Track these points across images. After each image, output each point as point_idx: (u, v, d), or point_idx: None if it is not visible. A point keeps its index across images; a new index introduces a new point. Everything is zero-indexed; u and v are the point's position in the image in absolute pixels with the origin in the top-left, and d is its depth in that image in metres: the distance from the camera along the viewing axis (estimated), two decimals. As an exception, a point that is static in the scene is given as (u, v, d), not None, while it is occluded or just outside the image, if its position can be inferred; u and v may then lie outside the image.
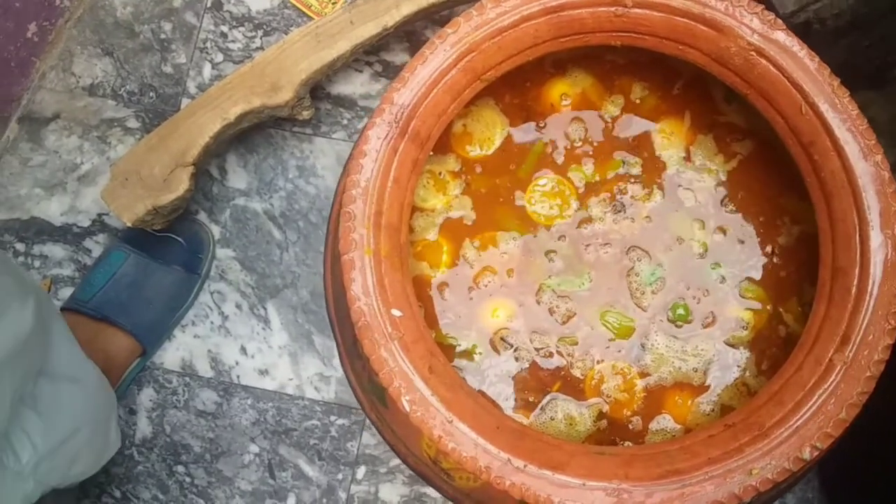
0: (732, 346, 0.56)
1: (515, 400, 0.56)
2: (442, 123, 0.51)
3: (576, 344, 0.56)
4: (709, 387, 0.55)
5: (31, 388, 0.57)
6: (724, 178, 0.58)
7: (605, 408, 0.55)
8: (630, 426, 0.55)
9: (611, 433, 0.55)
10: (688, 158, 0.59)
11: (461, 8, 0.79)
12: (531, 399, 0.56)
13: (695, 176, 0.58)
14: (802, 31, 0.74)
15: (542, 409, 0.56)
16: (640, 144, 0.59)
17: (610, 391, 0.55)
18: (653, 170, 0.59)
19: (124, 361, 0.79)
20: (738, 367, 0.55)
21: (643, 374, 0.55)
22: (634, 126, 0.59)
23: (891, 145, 0.78)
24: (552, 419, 0.55)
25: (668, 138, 0.59)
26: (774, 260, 0.57)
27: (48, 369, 0.60)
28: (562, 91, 0.60)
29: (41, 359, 0.59)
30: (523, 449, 0.44)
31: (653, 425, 0.55)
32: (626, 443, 0.54)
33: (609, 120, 0.60)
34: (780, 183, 0.56)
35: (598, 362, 0.56)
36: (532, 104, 0.60)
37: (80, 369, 0.65)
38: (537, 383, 0.56)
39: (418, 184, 0.56)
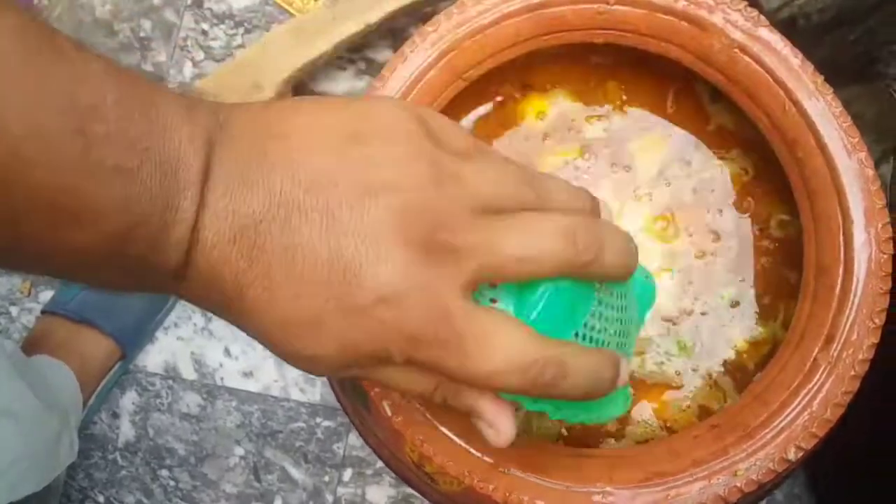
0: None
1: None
2: (423, 123, 0.51)
3: None
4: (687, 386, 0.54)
5: None
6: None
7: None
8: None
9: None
10: (661, 173, 0.56)
11: (444, 4, 0.79)
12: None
13: (677, 184, 0.56)
14: (787, 27, 0.74)
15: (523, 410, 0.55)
16: (627, 159, 0.56)
17: None
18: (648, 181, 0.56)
19: (103, 364, 0.79)
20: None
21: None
22: (617, 138, 0.57)
23: (877, 141, 0.78)
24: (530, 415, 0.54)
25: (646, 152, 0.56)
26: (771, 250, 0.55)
27: None
28: (539, 109, 0.58)
29: None
30: (506, 452, 0.43)
31: (633, 414, 0.54)
32: (610, 440, 0.53)
33: (591, 138, 0.57)
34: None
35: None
36: (510, 119, 0.58)
37: (18, 403, 0.64)
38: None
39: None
